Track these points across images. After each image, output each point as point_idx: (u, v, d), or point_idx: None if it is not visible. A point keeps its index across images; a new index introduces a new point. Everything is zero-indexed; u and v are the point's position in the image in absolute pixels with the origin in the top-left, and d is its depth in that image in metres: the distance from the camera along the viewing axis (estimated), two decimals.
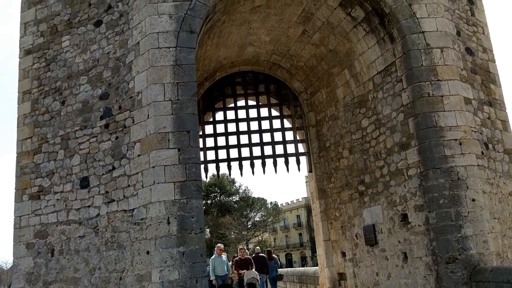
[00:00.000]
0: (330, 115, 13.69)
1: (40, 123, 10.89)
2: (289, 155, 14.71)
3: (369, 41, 11.14)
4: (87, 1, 10.88)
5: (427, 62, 9.79)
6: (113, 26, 10.29)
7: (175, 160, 8.84)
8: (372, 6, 10.44)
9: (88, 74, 10.44)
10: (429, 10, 10.06)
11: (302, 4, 11.62)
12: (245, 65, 15.16)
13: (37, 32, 11.46)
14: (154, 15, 9.49)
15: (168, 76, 9.22)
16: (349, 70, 12.36)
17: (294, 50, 13.88)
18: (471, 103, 10.11)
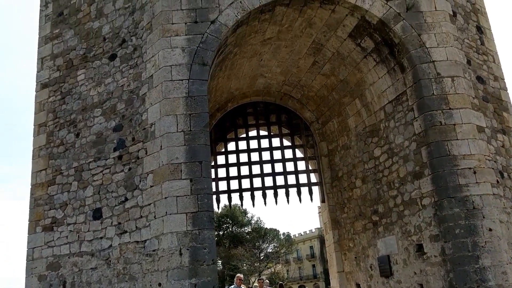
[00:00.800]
0: (342, 145, 13.68)
1: (55, 155, 11.03)
2: (302, 185, 14.64)
3: (379, 71, 11.22)
4: (102, 35, 11.17)
5: (438, 91, 9.81)
6: (127, 60, 10.52)
7: (187, 190, 8.85)
8: (381, 36, 10.56)
9: (102, 106, 10.62)
10: (438, 40, 10.15)
11: (312, 36, 11.80)
12: (257, 95, 15.32)
13: (53, 66, 11.75)
14: (167, 49, 9.70)
15: (181, 107, 9.34)
16: (360, 99, 12.42)
17: (305, 80, 14.02)
18: (484, 132, 10.05)
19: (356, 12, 10.47)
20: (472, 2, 11.62)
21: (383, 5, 10.31)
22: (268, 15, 10.77)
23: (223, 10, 10.05)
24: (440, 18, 10.31)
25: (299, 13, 10.91)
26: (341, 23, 10.98)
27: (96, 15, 11.39)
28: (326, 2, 10.47)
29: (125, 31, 10.74)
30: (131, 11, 10.75)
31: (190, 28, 9.88)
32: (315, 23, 11.28)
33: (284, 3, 10.44)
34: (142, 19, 10.40)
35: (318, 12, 10.85)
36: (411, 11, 10.30)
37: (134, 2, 10.71)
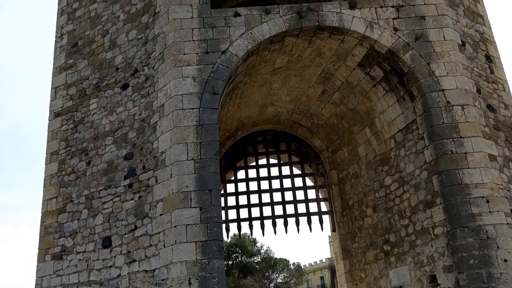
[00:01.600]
0: (353, 173, 13.61)
1: (66, 183, 11.10)
2: (312, 214, 14.52)
3: (389, 100, 11.26)
4: (115, 65, 11.38)
5: (448, 120, 9.79)
6: (139, 89, 10.68)
7: (197, 219, 8.83)
8: (390, 66, 10.64)
9: (114, 135, 10.73)
10: (447, 69, 10.19)
11: (321, 65, 11.92)
12: (266, 124, 15.39)
13: (66, 95, 11.95)
14: (178, 78, 9.85)
15: (191, 136, 9.41)
16: (370, 128, 12.42)
17: (315, 109, 14.08)
18: (496, 160, 9.96)
19: (365, 42, 10.59)
20: (480, 31, 11.71)
21: (392, 35, 10.43)
22: (278, 46, 10.93)
23: (234, 41, 10.24)
24: (449, 47, 10.39)
25: (308, 43, 11.07)
26: (350, 53, 11.09)
27: (110, 45, 11.64)
28: (335, 33, 10.62)
29: (138, 61, 10.94)
30: (143, 42, 10.98)
31: (201, 58, 10.05)
32: (324, 53, 11.41)
33: (294, 34, 10.60)
34: (154, 50, 10.61)
35: (327, 42, 10.99)
36: (420, 40, 10.40)
37: (147, 33, 10.95)
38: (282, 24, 10.45)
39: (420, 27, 10.52)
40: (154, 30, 10.79)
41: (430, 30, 10.52)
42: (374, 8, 10.64)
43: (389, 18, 10.60)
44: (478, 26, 11.77)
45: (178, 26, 10.27)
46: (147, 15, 11.17)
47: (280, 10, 10.59)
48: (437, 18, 10.64)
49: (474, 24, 11.67)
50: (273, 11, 10.58)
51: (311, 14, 10.53)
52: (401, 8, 10.69)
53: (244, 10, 10.58)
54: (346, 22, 10.47)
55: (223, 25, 10.40)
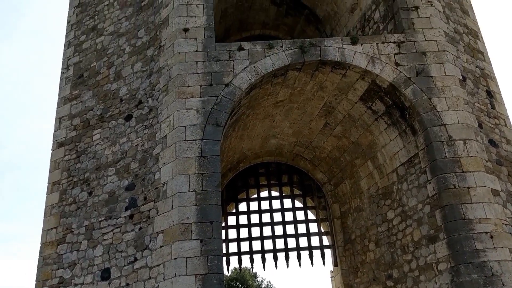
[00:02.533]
0: (355, 207, 13.53)
1: (67, 213, 11.04)
2: (314, 248, 14.34)
3: (391, 134, 11.30)
4: (119, 97, 11.51)
5: (450, 154, 9.79)
6: (143, 120, 10.76)
7: (197, 251, 8.73)
8: (392, 100, 10.73)
9: (116, 165, 10.75)
10: (449, 104, 10.27)
11: (324, 99, 12.03)
12: (269, 156, 15.41)
13: (70, 126, 12.04)
14: (182, 110, 9.94)
15: (193, 167, 9.42)
16: (372, 161, 12.42)
17: (317, 142, 14.12)
18: (499, 195, 9.90)
19: (366, 77, 10.72)
20: (481, 67, 11.85)
21: (393, 70, 10.56)
22: (280, 79, 11.07)
23: (238, 74, 10.38)
24: (450, 82, 10.50)
25: (310, 77, 11.21)
26: (352, 87, 11.21)
27: (115, 77, 11.80)
28: (337, 67, 10.77)
29: (142, 92, 11.07)
30: (148, 74, 11.14)
31: (205, 91, 10.17)
32: (327, 86, 11.54)
33: (296, 67, 10.75)
34: (159, 82, 10.75)
35: (329, 76, 11.13)
36: (421, 75, 10.52)
37: (152, 66, 11.12)
38: (285, 58, 10.61)
39: (421, 62, 10.66)
40: (159, 63, 10.96)
41: (431, 65, 10.65)
42: (376, 43, 10.82)
43: (391, 53, 10.76)
44: (479, 62, 11.92)
45: (182, 59, 10.44)
46: (152, 48, 11.38)
47: (283, 45, 10.78)
48: (438, 54, 10.80)
49: (474, 60, 11.83)
50: (276, 45, 10.76)
51: (313, 49, 10.71)
52: (402, 43, 10.87)
53: (248, 45, 10.77)
54: (348, 57, 10.63)
55: (227, 58, 10.56)
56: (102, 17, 13.07)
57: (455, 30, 11.74)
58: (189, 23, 10.86)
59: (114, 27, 12.60)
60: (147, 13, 12.00)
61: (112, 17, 12.81)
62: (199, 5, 11.06)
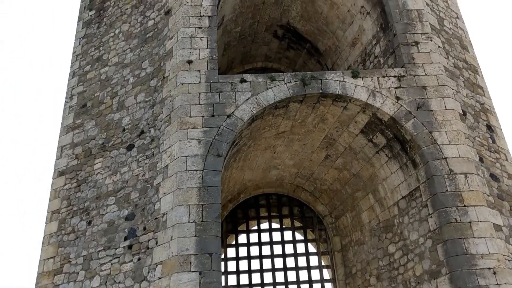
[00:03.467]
0: (356, 240, 13.39)
1: (65, 242, 10.94)
2: (314, 281, 14.14)
3: (392, 167, 11.30)
4: (121, 126, 11.58)
5: (451, 188, 9.76)
6: (144, 150, 10.80)
7: (196, 284, 8.60)
8: (393, 133, 10.78)
9: (116, 195, 10.72)
10: (449, 137, 10.31)
11: (325, 131, 12.09)
12: (269, 187, 15.37)
13: (72, 154, 12.07)
14: (184, 140, 9.98)
15: (194, 198, 9.38)
16: (373, 194, 12.37)
17: (318, 173, 14.11)
18: (501, 230, 9.82)
19: (367, 110, 10.81)
20: (481, 102, 11.95)
21: (394, 103, 10.65)
22: (282, 111, 11.16)
23: (240, 105, 10.47)
24: (450, 116, 10.57)
25: (312, 109, 11.30)
26: (353, 119, 11.29)
27: (118, 107, 11.91)
28: (338, 100, 10.87)
29: (144, 122, 11.15)
30: (151, 104, 11.25)
31: (207, 121, 10.24)
32: (328, 119, 11.62)
33: (298, 100, 10.86)
34: (161, 112, 10.84)
35: (330, 109, 11.23)
36: (422, 109, 10.60)
37: (155, 96, 11.24)
38: (287, 91, 10.73)
39: (421, 96, 10.77)
40: (162, 94, 11.08)
41: (432, 99, 10.75)
42: (376, 77, 10.96)
43: (391, 87, 10.88)
44: (478, 97, 12.03)
45: (186, 90, 10.56)
46: (156, 79, 11.52)
47: (285, 77, 10.92)
48: (438, 88, 10.91)
49: (474, 94, 11.95)
50: (278, 78, 10.90)
51: (315, 82, 10.84)
52: (402, 78, 11.00)
53: (250, 77, 10.91)
54: (349, 90, 10.75)
55: (229, 90, 10.69)
56: (107, 48, 13.29)
57: (454, 65, 11.90)
58: (193, 55, 11.03)
59: (118, 58, 12.80)
60: (152, 45, 12.21)
61: (117, 48, 13.03)
62: (203, 38, 11.27)
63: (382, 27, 12.22)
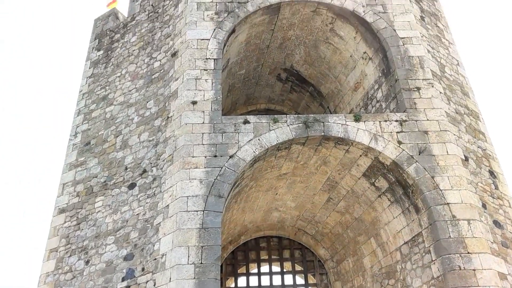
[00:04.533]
0: (358, 286, 13.12)
1: (61, 282, 10.75)
2: None
3: (394, 211, 11.21)
4: (124, 165, 11.61)
5: (454, 234, 9.65)
6: (146, 189, 10.78)
7: None
8: (395, 177, 10.76)
9: (116, 234, 10.62)
10: (452, 183, 10.27)
11: (327, 173, 12.08)
12: (270, 229, 15.22)
13: (73, 192, 12.05)
14: (185, 180, 9.98)
15: (194, 239, 9.29)
16: (375, 239, 12.22)
17: (319, 216, 14.00)
18: (506, 279, 9.62)
19: (369, 153, 10.84)
20: (482, 148, 11.99)
21: (395, 148, 10.69)
22: (284, 152, 11.20)
23: (242, 146, 10.53)
24: (452, 162, 10.58)
25: (314, 151, 11.34)
26: (355, 162, 11.31)
27: (121, 146, 11.99)
28: (340, 143, 10.93)
29: (147, 162, 11.19)
30: (154, 144, 11.32)
31: (209, 162, 10.27)
32: (330, 161, 11.64)
33: (300, 142, 10.92)
34: (164, 152, 10.89)
35: (332, 152, 11.27)
36: (424, 154, 10.63)
37: (159, 136, 11.33)
38: (289, 133, 10.81)
39: (423, 141, 10.82)
40: (165, 133, 11.17)
41: (433, 144, 10.79)
42: (378, 121, 11.05)
43: (393, 131, 10.95)
44: (480, 143, 12.07)
45: (189, 130, 10.65)
46: (160, 119, 11.65)
47: (288, 119, 11.02)
48: (440, 133, 10.98)
49: (476, 140, 11.99)
50: (280, 120, 11.00)
51: (317, 125, 10.93)
52: (404, 122, 11.09)
53: (253, 118, 11.02)
54: (351, 133, 10.82)
55: (232, 131, 10.77)
56: (113, 87, 13.52)
57: (456, 111, 12.02)
58: (198, 96, 11.20)
59: (124, 98, 13.00)
60: (157, 86, 12.42)
61: (123, 88, 13.25)
62: (208, 79, 11.47)
63: (384, 72, 12.43)
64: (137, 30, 14.44)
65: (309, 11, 13.27)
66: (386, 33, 12.43)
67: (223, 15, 12.65)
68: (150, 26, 14.17)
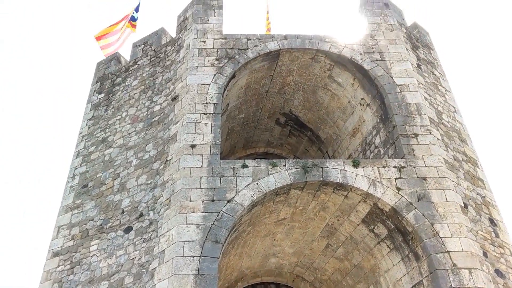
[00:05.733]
0: None
1: None
2: None
3: (393, 258, 11.03)
4: (121, 208, 11.51)
5: (456, 283, 9.44)
6: (142, 233, 10.64)
7: None
8: (394, 224, 10.65)
9: (110, 279, 10.39)
10: (451, 230, 10.16)
11: (326, 219, 11.97)
12: (268, 276, 14.92)
13: (68, 235, 11.88)
14: (182, 225, 9.86)
15: (190, 285, 9.07)
16: (375, 287, 11.96)
17: (318, 263, 13.75)
18: None
19: (368, 199, 10.78)
20: (482, 195, 11.93)
21: (394, 194, 10.64)
22: (283, 197, 11.14)
23: (240, 191, 10.47)
24: (451, 209, 10.50)
25: (313, 197, 11.28)
26: (354, 208, 11.22)
27: (119, 189, 11.93)
28: (339, 188, 10.88)
29: (144, 205, 11.10)
30: (152, 187, 11.27)
31: (206, 206, 10.18)
32: (329, 207, 11.56)
33: (299, 187, 10.88)
34: (161, 195, 10.83)
35: (331, 197, 11.20)
36: (423, 201, 10.56)
37: (157, 179, 11.30)
38: (288, 177, 10.79)
39: (422, 188, 10.78)
40: (163, 177, 11.14)
41: (432, 191, 10.75)
42: (377, 167, 11.05)
43: (392, 177, 10.94)
44: (479, 190, 12.03)
45: (187, 174, 10.63)
46: (158, 162, 11.65)
47: (286, 164, 11.02)
48: (438, 180, 10.95)
49: (475, 187, 11.96)
50: (279, 164, 11.00)
51: (316, 170, 10.92)
52: (403, 168, 11.09)
53: (252, 162, 11.02)
54: (350, 179, 10.80)
55: (231, 175, 10.75)
56: (113, 130, 13.60)
57: (454, 158, 12.05)
58: (197, 140, 11.25)
59: (123, 140, 13.05)
60: (157, 129, 12.50)
61: (123, 130, 13.33)
62: (207, 123, 11.56)
63: (382, 119, 12.56)
64: (139, 74, 14.68)
65: (308, 58, 13.55)
66: (384, 80, 12.64)
67: (224, 61, 12.91)
68: (152, 71, 14.42)
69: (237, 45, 13.37)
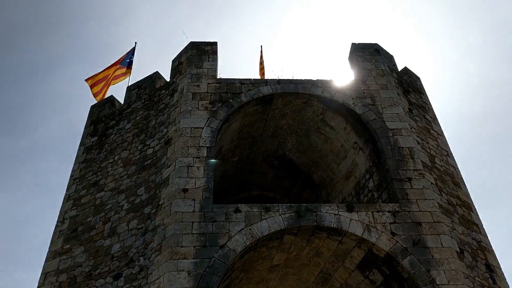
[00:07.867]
0: None
1: None
2: None
3: None
4: (111, 253, 11.23)
5: None
6: (132, 280, 10.34)
7: None
8: (390, 270, 10.45)
9: None
10: (448, 277, 9.96)
11: (320, 265, 11.73)
12: None
13: (55, 282, 11.51)
14: (173, 271, 9.61)
15: None
16: None
17: None
18: None
19: (363, 245, 10.61)
20: (477, 240, 11.80)
21: (389, 239, 10.49)
22: (276, 243, 10.95)
23: (233, 236, 10.29)
24: (447, 254, 10.34)
25: (307, 242, 11.10)
26: (349, 254, 11.03)
27: (109, 233, 11.68)
28: (333, 233, 10.73)
29: (134, 250, 10.85)
30: (143, 232, 11.06)
31: (198, 252, 9.96)
32: (323, 252, 11.36)
33: (293, 232, 10.72)
34: (152, 240, 10.60)
35: (325, 242, 11.03)
36: (418, 246, 10.41)
37: (148, 224, 11.10)
38: (281, 222, 10.63)
39: (417, 233, 10.64)
40: (155, 221, 10.95)
41: (427, 236, 10.61)
42: (371, 212, 10.94)
43: (386, 222, 10.81)
44: (475, 234, 11.90)
45: (179, 219, 10.45)
46: (150, 206, 11.48)
47: (280, 208, 10.89)
48: (433, 224, 10.84)
49: (470, 232, 11.83)
50: (272, 209, 10.87)
51: (310, 214, 10.79)
52: (397, 213, 10.99)
53: (245, 207, 10.89)
54: (344, 224, 10.66)
55: (223, 220, 10.58)
56: (105, 173, 13.47)
57: (448, 202, 11.98)
58: (189, 184, 11.14)
59: (115, 184, 12.90)
60: (149, 172, 12.40)
61: (115, 174, 13.20)
62: (200, 167, 11.49)
63: (375, 162, 12.55)
64: (132, 117, 14.71)
65: (301, 102, 13.68)
66: (376, 125, 12.74)
67: (218, 104, 13.00)
68: (145, 114, 14.46)
69: (231, 89, 13.50)
